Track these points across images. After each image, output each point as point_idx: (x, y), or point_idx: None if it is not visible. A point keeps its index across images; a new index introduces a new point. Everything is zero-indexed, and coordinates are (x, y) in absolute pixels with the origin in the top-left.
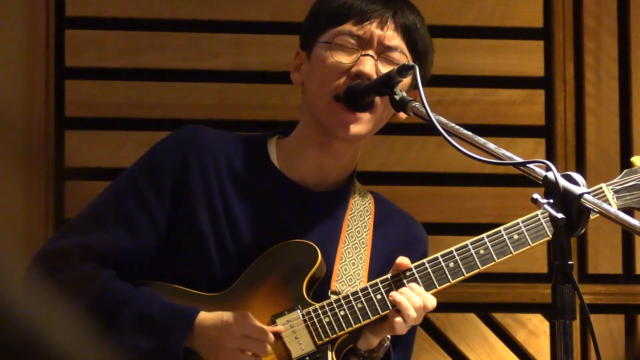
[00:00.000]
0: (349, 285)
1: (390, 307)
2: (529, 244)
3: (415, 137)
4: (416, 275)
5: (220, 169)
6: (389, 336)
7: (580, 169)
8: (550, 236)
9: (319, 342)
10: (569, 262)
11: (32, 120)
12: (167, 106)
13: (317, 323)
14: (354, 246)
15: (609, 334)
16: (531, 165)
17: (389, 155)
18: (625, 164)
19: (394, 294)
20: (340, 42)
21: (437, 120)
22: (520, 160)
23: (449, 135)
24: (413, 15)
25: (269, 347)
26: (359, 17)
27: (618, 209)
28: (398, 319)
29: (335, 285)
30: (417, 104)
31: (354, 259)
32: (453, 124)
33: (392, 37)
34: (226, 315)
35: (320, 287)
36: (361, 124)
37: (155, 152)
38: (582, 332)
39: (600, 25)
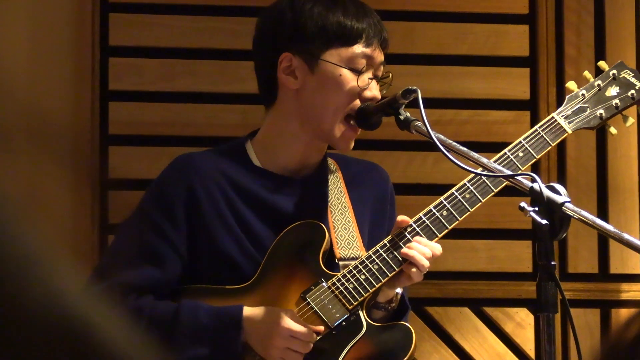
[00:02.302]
0: (349, 249)
1: (403, 262)
2: (505, 180)
3: (416, 153)
4: (417, 229)
5: (219, 182)
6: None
7: (562, 181)
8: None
9: (350, 307)
10: (552, 263)
11: (80, 138)
12: (198, 125)
13: (343, 291)
14: (339, 212)
15: (587, 326)
16: (519, 178)
17: (394, 169)
18: (601, 177)
19: (404, 250)
20: (355, 66)
21: (437, 138)
22: (509, 172)
23: (447, 150)
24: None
25: (310, 347)
26: (368, 40)
27: (572, 132)
28: (414, 270)
29: (338, 252)
30: (419, 123)
31: (344, 223)
32: (450, 141)
33: (383, 58)
34: (273, 313)
35: (327, 257)
36: (355, 137)
37: (161, 187)
38: (562, 324)
39: (579, 55)
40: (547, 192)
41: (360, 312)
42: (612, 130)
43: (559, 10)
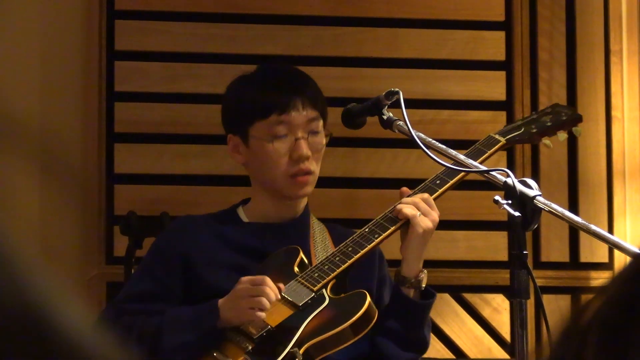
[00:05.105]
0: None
1: (361, 249)
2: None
3: (400, 150)
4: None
5: (210, 238)
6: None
7: (536, 176)
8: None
9: (315, 288)
10: (524, 252)
11: (88, 135)
12: (198, 124)
13: (309, 279)
14: (322, 248)
15: (559, 310)
16: (494, 173)
17: (379, 165)
18: (571, 172)
19: (397, 207)
20: (274, 134)
21: (417, 136)
22: (485, 168)
23: (426, 148)
24: (312, 83)
25: (270, 292)
26: (281, 109)
27: (505, 141)
28: (414, 220)
29: None
30: (401, 123)
31: (325, 254)
32: (430, 139)
33: (310, 114)
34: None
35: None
36: (308, 185)
37: (161, 244)
38: (535, 309)
39: (552, 59)
40: (519, 187)
41: (324, 291)
42: (546, 141)
43: (533, 18)
